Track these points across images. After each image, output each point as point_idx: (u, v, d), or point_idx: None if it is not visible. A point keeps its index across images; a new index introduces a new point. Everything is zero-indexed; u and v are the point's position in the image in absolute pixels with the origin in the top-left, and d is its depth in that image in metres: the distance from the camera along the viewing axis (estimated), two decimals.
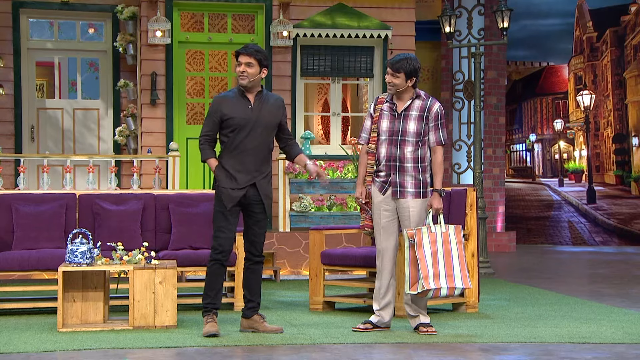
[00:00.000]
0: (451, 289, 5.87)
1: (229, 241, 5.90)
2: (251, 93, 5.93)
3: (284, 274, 10.21)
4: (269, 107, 5.94)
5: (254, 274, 6.03)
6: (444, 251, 5.87)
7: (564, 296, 8.27)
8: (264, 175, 5.95)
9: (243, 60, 5.86)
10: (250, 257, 6.02)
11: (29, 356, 5.17)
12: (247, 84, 5.87)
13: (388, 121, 6.03)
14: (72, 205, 7.47)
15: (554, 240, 20.24)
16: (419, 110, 6.00)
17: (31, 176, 11.20)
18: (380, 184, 6.03)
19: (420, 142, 5.99)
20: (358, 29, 11.23)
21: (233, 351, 5.38)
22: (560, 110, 26.61)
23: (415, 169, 5.98)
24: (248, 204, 5.93)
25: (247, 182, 5.88)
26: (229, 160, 5.89)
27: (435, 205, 5.98)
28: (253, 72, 5.86)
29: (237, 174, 5.86)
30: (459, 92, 14.74)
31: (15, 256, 7.01)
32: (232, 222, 5.91)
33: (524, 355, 5.27)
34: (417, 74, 5.99)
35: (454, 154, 14.88)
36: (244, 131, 5.86)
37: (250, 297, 6.02)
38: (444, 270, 5.84)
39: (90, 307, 6.39)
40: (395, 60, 5.99)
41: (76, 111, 11.96)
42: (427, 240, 5.85)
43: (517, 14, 13.74)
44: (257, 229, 5.99)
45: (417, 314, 5.99)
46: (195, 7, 11.41)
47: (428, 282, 5.79)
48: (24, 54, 11.65)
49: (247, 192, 5.89)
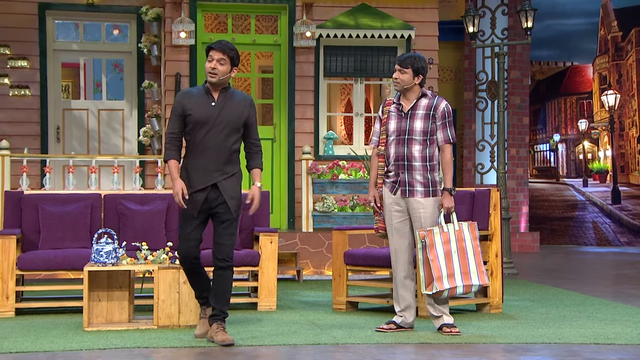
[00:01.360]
0: (467, 287, 5.85)
1: (192, 247, 5.58)
2: (216, 90, 5.60)
3: (307, 274, 10.22)
4: (233, 104, 5.59)
5: (219, 279, 5.58)
6: (458, 249, 5.84)
7: (589, 297, 8.21)
8: (228, 176, 5.57)
9: (215, 56, 5.52)
10: (215, 261, 5.58)
11: (55, 355, 5.20)
12: (217, 81, 5.54)
13: (395, 121, 6.01)
14: (97, 206, 7.51)
15: (578, 240, 20.10)
16: (425, 108, 5.98)
17: (57, 176, 11.29)
18: (391, 184, 6.02)
19: (428, 140, 5.95)
20: (381, 30, 11.21)
21: (257, 350, 5.39)
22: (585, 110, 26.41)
23: (423, 168, 5.94)
24: (210, 207, 5.57)
25: (206, 182, 5.52)
26: (191, 160, 5.56)
27: (447, 204, 5.94)
28: (224, 69, 5.54)
29: (195, 173, 5.52)
30: (482, 92, 14.68)
31: (41, 256, 7.06)
32: (195, 228, 5.57)
33: (549, 356, 5.23)
34: (424, 72, 5.98)
35: (477, 154, 14.82)
36: (205, 128, 5.50)
37: (214, 304, 5.60)
38: (459, 268, 5.82)
39: (115, 307, 6.43)
40: (402, 57, 6.00)
41: (101, 112, 12.03)
42: (440, 240, 5.82)
43: (541, 14, 13.66)
44: (222, 230, 5.56)
45: (440, 314, 5.97)
46: (219, 8, 11.45)
47: (441, 283, 5.77)
48: (50, 55, 11.74)
49: (208, 196, 5.54)
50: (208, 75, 5.55)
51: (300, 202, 10.86)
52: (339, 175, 10.65)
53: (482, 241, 7.22)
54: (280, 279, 9.53)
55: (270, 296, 7.24)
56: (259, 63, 12.41)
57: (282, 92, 11.49)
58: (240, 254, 7.26)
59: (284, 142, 11.41)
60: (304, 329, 6.18)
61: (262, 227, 7.50)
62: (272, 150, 11.48)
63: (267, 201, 7.74)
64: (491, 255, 7.18)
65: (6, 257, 6.92)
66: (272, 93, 11.85)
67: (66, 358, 5.11)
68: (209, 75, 5.54)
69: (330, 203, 10.55)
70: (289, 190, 11.35)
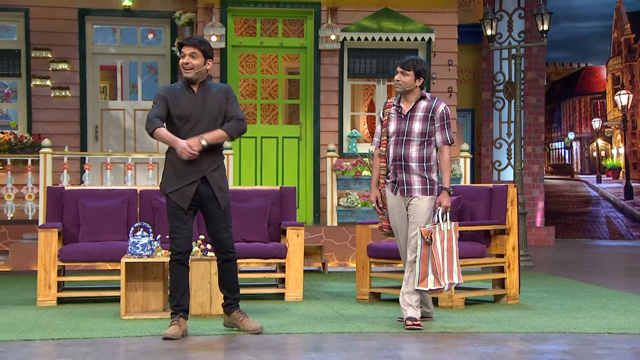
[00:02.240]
0: (450, 284, 5.78)
1: (186, 241, 5.39)
2: (195, 85, 5.42)
3: (331, 266, 10.22)
4: (212, 95, 5.41)
5: (226, 272, 5.53)
6: (447, 248, 5.76)
7: (602, 288, 8.15)
8: (216, 167, 5.40)
9: (187, 51, 5.34)
10: (219, 255, 5.51)
11: (94, 341, 5.24)
12: (192, 76, 5.35)
13: (395, 123, 5.92)
14: (133, 201, 7.55)
15: (592, 234, 19.95)
16: (424, 110, 5.88)
17: (95, 173, 11.37)
18: (391, 185, 5.94)
19: (426, 142, 5.85)
20: (403, 32, 11.18)
21: (284, 338, 5.40)
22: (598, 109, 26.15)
23: (420, 168, 5.83)
24: (201, 201, 5.40)
25: (196, 175, 5.35)
26: (176, 154, 5.32)
27: (444, 203, 5.82)
28: (198, 63, 5.35)
29: (186, 167, 5.33)
30: (499, 92, 14.60)
31: (81, 248, 7.11)
32: (185, 221, 5.37)
33: (564, 344, 5.20)
34: (424, 75, 5.89)
35: (495, 151, 14.75)
36: (190, 123, 5.34)
37: (227, 294, 5.57)
38: (447, 266, 5.75)
39: (150, 296, 6.46)
40: (405, 60, 5.91)
41: (137, 112, 12.10)
42: (439, 238, 5.74)
43: (557, 17, 13.56)
44: (217, 225, 5.43)
45: (408, 307, 5.82)
46: (248, 12, 11.47)
47: (439, 280, 5.70)
48: (89, 59, 11.82)
49: (199, 188, 5.36)
50: (183, 71, 5.36)
51: (325, 197, 10.86)
52: (362, 172, 10.64)
53: (499, 235, 7.21)
54: (307, 270, 9.55)
55: (297, 287, 7.25)
56: (286, 65, 12.43)
57: (308, 92, 11.49)
58: (268, 247, 7.28)
59: (309, 140, 11.42)
60: (329, 319, 6.18)
61: (289, 221, 7.50)
62: (299, 148, 11.49)
63: (294, 197, 7.74)
64: (508, 248, 7.14)
65: (48, 249, 6.98)
66: (298, 94, 11.86)
67: (105, 344, 5.15)
68: (184, 71, 5.35)
69: (353, 198, 10.55)
70: (315, 186, 11.35)
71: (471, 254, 7.01)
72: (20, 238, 10.28)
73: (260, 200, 7.56)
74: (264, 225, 7.47)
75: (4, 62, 11.60)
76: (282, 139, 11.50)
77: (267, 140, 11.48)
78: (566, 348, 5.09)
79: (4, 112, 15.81)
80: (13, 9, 11.58)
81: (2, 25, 12.16)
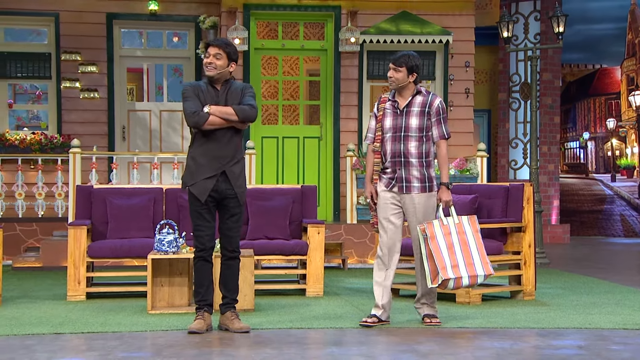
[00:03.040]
0: (473, 277, 5.51)
1: (209, 238, 5.39)
2: (218, 83, 5.43)
3: (351, 262, 10.21)
4: (233, 92, 5.43)
5: (229, 269, 5.50)
6: (460, 241, 5.55)
7: (617, 285, 8.08)
8: (236, 161, 5.41)
9: (212, 51, 5.35)
10: (225, 252, 5.49)
11: (122, 335, 5.27)
12: (214, 75, 5.35)
13: (391, 118, 5.73)
14: (159, 199, 7.58)
15: (607, 232, 19.79)
16: (420, 105, 5.70)
17: (122, 172, 11.43)
18: (387, 180, 5.72)
19: (424, 137, 5.67)
20: (421, 35, 11.14)
21: (306, 333, 5.40)
22: (613, 109, 25.92)
23: (420, 164, 5.65)
24: (222, 198, 5.40)
25: (217, 169, 5.34)
26: (198, 149, 5.37)
27: (444, 197, 5.65)
28: (221, 64, 5.35)
29: (207, 161, 5.34)
30: (515, 93, 14.53)
31: (109, 245, 7.15)
32: (208, 219, 5.38)
33: (580, 340, 5.16)
34: (418, 70, 5.71)
35: (511, 151, 14.69)
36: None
37: (226, 293, 5.51)
38: (462, 259, 5.52)
39: (176, 292, 6.48)
40: (397, 56, 5.73)
41: (162, 113, 12.15)
42: (440, 232, 5.55)
43: (572, 19, 13.48)
44: (231, 223, 5.44)
45: (424, 304, 5.73)
46: (270, 16, 11.48)
47: (446, 272, 5.49)
48: (117, 61, 11.89)
49: (219, 185, 5.37)
50: (206, 70, 5.37)
51: (345, 196, 10.85)
52: None
53: (515, 232, 7.17)
54: (327, 267, 9.55)
55: (318, 283, 7.25)
56: (307, 67, 12.43)
57: (328, 94, 11.49)
58: (289, 244, 7.28)
59: (329, 140, 11.41)
60: (349, 314, 6.17)
61: (310, 219, 7.51)
62: (319, 147, 11.49)
63: (315, 195, 7.74)
64: (524, 245, 7.11)
65: (78, 245, 7.02)
66: (319, 95, 11.86)
67: (132, 338, 5.17)
68: (206, 69, 5.36)
69: None
70: (335, 185, 11.35)
71: (488, 251, 6.97)
72: (50, 235, 10.36)
73: (282, 198, 7.57)
74: (285, 222, 7.48)
75: (35, 65, 11.69)
76: (303, 139, 11.51)
77: (289, 140, 11.49)
78: (582, 343, 5.05)
79: (35, 114, 15.96)
80: (44, 13, 11.67)
81: (33, 29, 12.26)
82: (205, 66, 5.38)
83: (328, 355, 4.67)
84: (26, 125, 15.32)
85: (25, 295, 7.19)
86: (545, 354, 4.74)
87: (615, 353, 4.74)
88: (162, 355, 4.60)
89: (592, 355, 4.67)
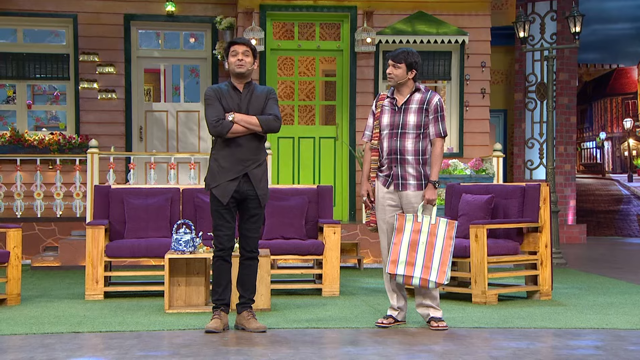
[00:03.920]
0: (424, 280, 5.42)
1: (229, 238, 5.42)
2: (241, 84, 5.48)
3: (367, 262, 10.20)
4: (257, 95, 5.48)
5: (247, 269, 5.53)
6: (427, 242, 5.46)
7: (634, 285, 8.03)
8: (259, 164, 5.46)
9: (240, 49, 5.42)
10: (243, 252, 5.52)
11: (140, 334, 5.29)
12: (245, 71, 5.41)
13: (389, 115, 5.66)
14: (176, 199, 7.60)
15: (623, 232, 19.66)
16: (418, 103, 5.62)
17: (140, 172, 11.47)
18: (384, 178, 5.65)
19: (422, 134, 5.59)
20: (437, 35, 11.11)
21: (322, 332, 5.40)
22: (630, 109, 25.73)
23: (416, 161, 5.57)
24: (243, 199, 5.45)
25: (240, 171, 5.39)
26: (221, 151, 5.42)
27: (428, 195, 5.52)
28: (249, 61, 5.43)
29: (230, 164, 5.39)
30: (531, 93, 14.46)
31: (126, 244, 7.18)
32: (228, 219, 5.42)
33: (597, 340, 5.13)
34: (417, 67, 5.65)
35: (527, 151, 14.62)
36: None
37: (243, 293, 5.54)
38: (422, 260, 5.44)
39: (193, 291, 6.50)
40: (396, 52, 5.67)
41: (179, 113, 12.18)
42: (410, 228, 5.47)
43: (589, 19, 13.46)
44: (251, 224, 5.48)
45: (429, 307, 5.62)
46: (286, 17, 11.49)
47: (395, 267, 5.43)
48: (134, 62, 11.93)
49: (241, 187, 5.41)
50: (236, 67, 5.40)
51: (360, 196, 10.83)
52: None
53: (532, 232, 7.13)
54: (343, 267, 9.55)
55: (334, 283, 7.25)
56: (323, 67, 12.43)
57: (344, 94, 11.48)
58: (306, 244, 7.28)
59: (345, 140, 11.41)
60: (364, 313, 6.17)
61: (326, 219, 7.51)
62: (335, 147, 11.48)
63: (331, 195, 7.74)
64: (541, 245, 7.07)
65: (96, 245, 7.06)
66: (334, 95, 11.85)
67: (150, 337, 5.19)
68: (237, 67, 5.40)
69: None
70: (350, 185, 11.34)
71: (504, 251, 6.95)
72: (68, 235, 10.42)
73: (298, 198, 7.57)
74: (301, 222, 7.48)
75: (53, 66, 11.76)
76: (318, 139, 11.51)
77: (305, 140, 11.49)
78: (598, 344, 5.02)
79: (54, 114, 16.06)
80: (62, 15, 11.73)
81: (52, 30, 12.34)
82: (235, 64, 5.41)
83: (344, 355, 4.67)
84: (45, 126, 15.43)
85: (44, 295, 7.24)
86: (562, 354, 4.71)
87: (632, 353, 4.71)
88: (179, 355, 4.62)
89: (610, 355, 4.64)
